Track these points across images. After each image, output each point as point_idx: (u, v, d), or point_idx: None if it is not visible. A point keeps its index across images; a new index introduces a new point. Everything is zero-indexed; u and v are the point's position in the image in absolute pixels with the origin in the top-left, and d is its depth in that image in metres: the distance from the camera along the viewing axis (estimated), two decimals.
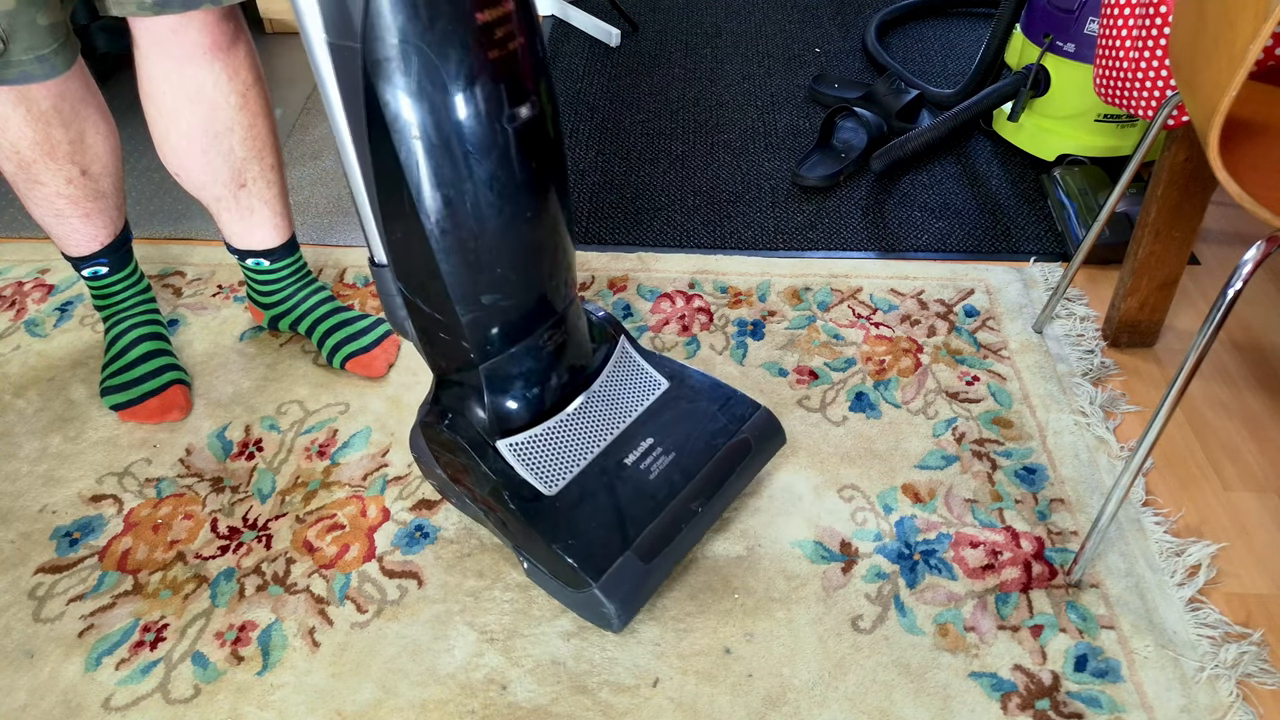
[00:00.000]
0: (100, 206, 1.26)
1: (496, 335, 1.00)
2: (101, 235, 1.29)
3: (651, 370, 1.17)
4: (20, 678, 1.03)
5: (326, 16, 0.81)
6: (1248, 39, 0.76)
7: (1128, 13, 1.27)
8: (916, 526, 1.15)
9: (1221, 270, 1.54)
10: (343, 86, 0.84)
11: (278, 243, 1.34)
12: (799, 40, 2.25)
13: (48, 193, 1.21)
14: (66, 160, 1.19)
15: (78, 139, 1.18)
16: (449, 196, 0.88)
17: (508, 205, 0.91)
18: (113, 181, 1.26)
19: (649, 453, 1.09)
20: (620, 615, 1.00)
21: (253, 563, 1.14)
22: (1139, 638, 1.04)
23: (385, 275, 0.97)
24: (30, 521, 1.19)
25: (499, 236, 0.93)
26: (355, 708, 1.00)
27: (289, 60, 2.19)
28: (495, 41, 0.83)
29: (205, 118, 1.17)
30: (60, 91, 1.14)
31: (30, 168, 1.18)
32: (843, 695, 0.99)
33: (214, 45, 1.12)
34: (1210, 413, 1.30)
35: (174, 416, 1.30)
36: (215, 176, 1.24)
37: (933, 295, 1.49)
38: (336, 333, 1.37)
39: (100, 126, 1.21)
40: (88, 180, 1.22)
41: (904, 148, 1.76)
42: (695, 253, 1.60)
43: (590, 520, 1.03)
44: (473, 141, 0.86)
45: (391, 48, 0.80)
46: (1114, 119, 1.68)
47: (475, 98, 0.84)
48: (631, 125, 1.95)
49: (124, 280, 1.35)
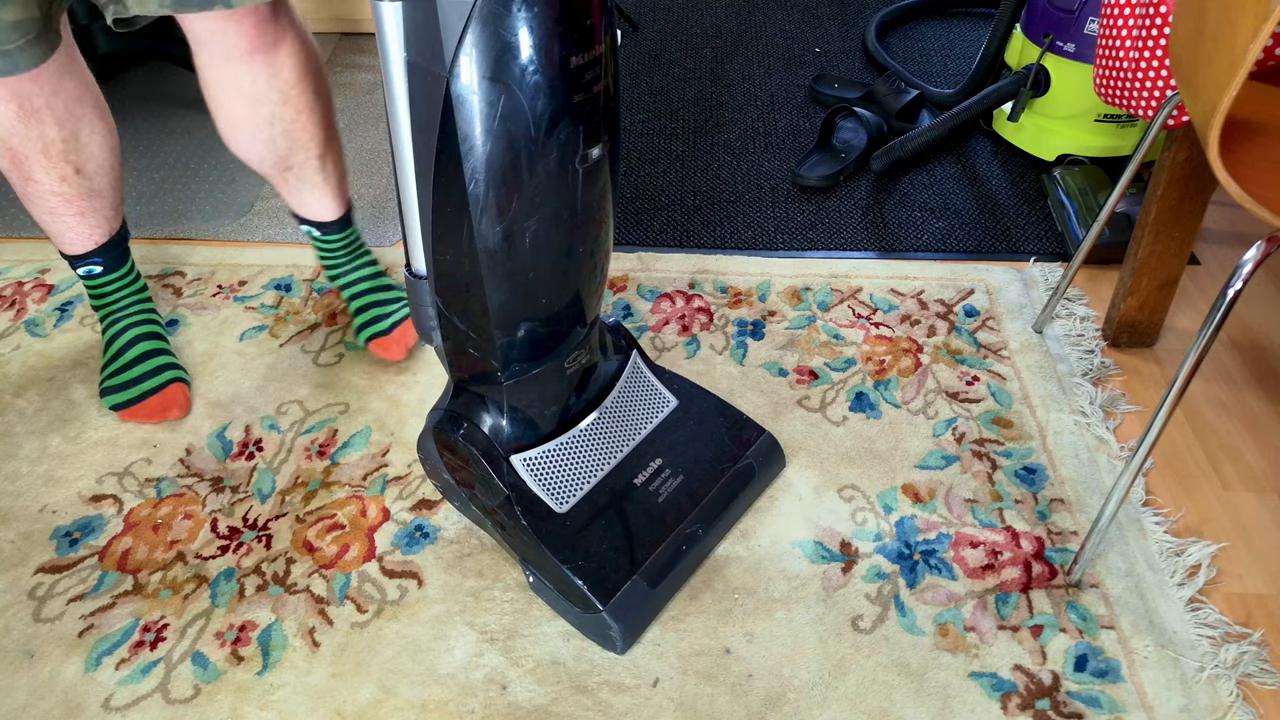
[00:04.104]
0: (95, 206, 1.26)
1: (525, 355, 1.00)
2: (96, 234, 1.29)
3: (661, 387, 1.17)
4: (20, 678, 1.03)
5: (411, 35, 0.80)
6: (1248, 39, 0.76)
7: (1128, 13, 1.27)
8: (916, 526, 1.15)
9: (1221, 270, 1.54)
10: (415, 107, 0.83)
11: (327, 218, 1.36)
12: (799, 40, 2.25)
13: (41, 190, 1.21)
14: (60, 158, 1.19)
15: (71, 138, 1.18)
16: (511, 231, 0.88)
17: (566, 240, 0.92)
18: (108, 181, 1.26)
19: (658, 474, 1.10)
20: (624, 638, 1.01)
21: (253, 563, 1.14)
22: (1139, 638, 1.04)
23: (422, 288, 0.97)
24: (30, 521, 1.19)
25: (552, 269, 0.94)
26: (355, 708, 0.99)
27: None
28: (582, 85, 0.83)
29: (248, 110, 1.19)
30: (53, 89, 1.14)
31: (23, 164, 1.18)
32: (843, 695, 0.99)
33: (252, 48, 1.13)
34: (1210, 413, 1.30)
35: (174, 415, 1.30)
36: (260, 160, 1.27)
37: (933, 295, 1.49)
38: (366, 311, 1.39)
39: (96, 126, 1.21)
40: (82, 179, 1.22)
41: (904, 148, 1.76)
42: (695, 253, 1.60)
43: (600, 541, 1.03)
44: (545, 181, 0.86)
45: (481, 83, 0.80)
46: (1114, 119, 1.68)
47: (556, 140, 0.84)
48: (631, 125, 1.95)
49: (119, 280, 1.35)
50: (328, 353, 1.42)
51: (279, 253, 1.61)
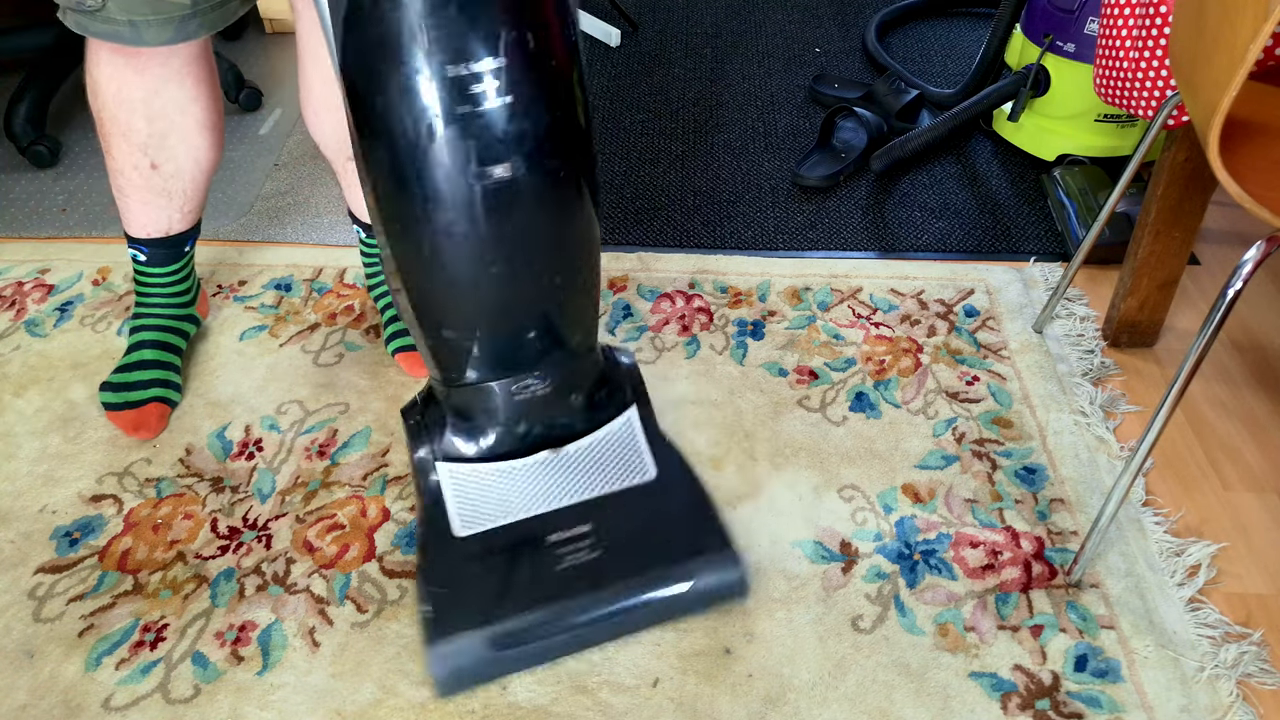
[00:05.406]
0: (161, 203, 1.27)
1: (460, 369, 0.97)
2: (150, 227, 1.29)
3: (646, 454, 1.05)
4: (20, 678, 1.03)
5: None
6: (1248, 39, 0.76)
7: (1128, 13, 1.27)
8: (916, 526, 1.15)
9: (1221, 270, 1.54)
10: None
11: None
12: (799, 40, 2.25)
13: (116, 164, 1.24)
14: (139, 150, 1.20)
15: (158, 137, 1.20)
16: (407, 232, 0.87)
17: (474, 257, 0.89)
18: (185, 189, 1.27)
19: (578, 541, 0.99)
20: (444, 685, 0.96)
21: (253, 563, 1.14)
22: (1139, 638, 1.04)
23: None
24: (30, 521, 1.19)
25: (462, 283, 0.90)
26: (355, 708, 0.99)
27: (290, 60, 2.19)
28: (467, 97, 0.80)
29: (324, 87, 1.22)
30: (154, 89, 1.16)
31: (107, 137, 1.21)
32: (843, 695, 0.99)
33: None
34: (1210, 413, 1.30)
35: (142, 435, 1.28)
36: (326, 143, 1.31)
37: (933, 295, 1.49)
38: (398, 322, 1.39)
39: (192, 139, 1.22)
40: (156, 175, 1.23)
41: (904, 148, 1.76)
42: (695, 253, 1.60)
43: (475, 579, 0.97)
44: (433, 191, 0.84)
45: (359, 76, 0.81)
46: (1114, 119, 1.68)
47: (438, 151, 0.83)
48: (631, 125, 1.95)
49: (160, 277, 1.34)
50: (328, 353, 1.42)
51: (279, 253, 1.61)
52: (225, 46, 2.23)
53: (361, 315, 1.48)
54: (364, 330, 1.45)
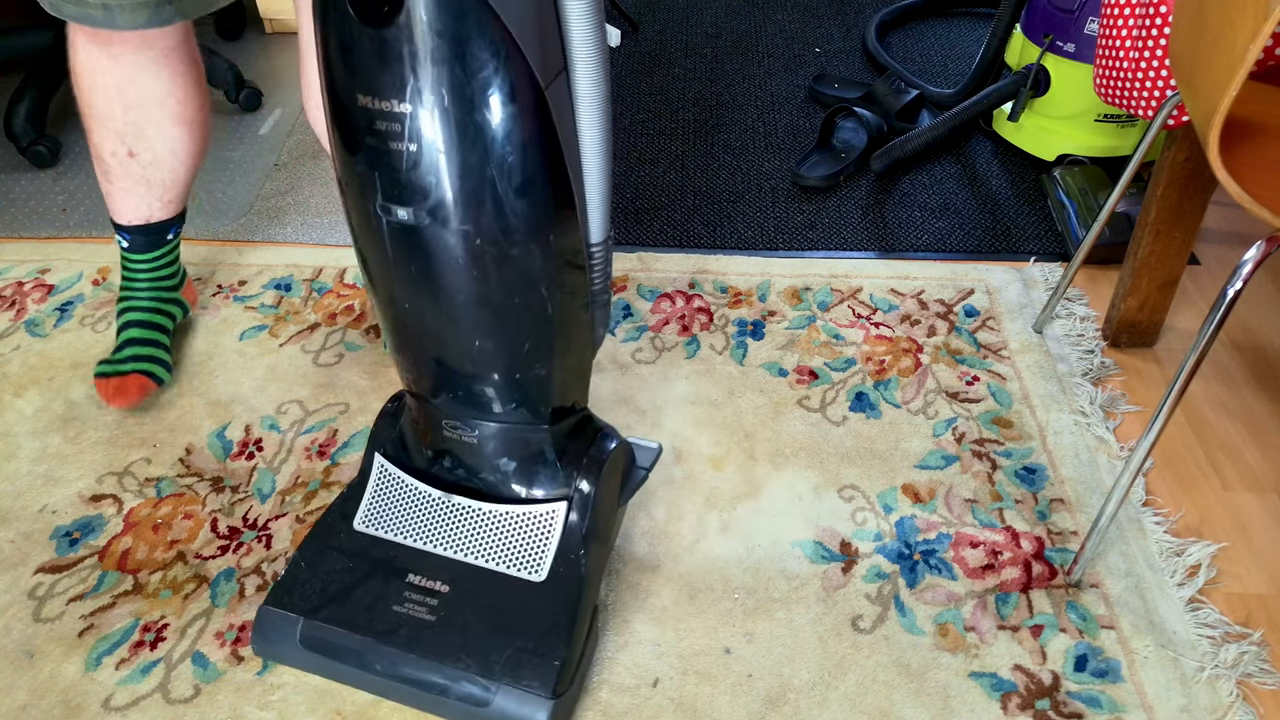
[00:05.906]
0: (140, 190, 1.27)
1: (406, 378, 0.99)
2: (132, 215, 1.29)
3: (547, 556, 0.97)
4: (20, 678, 1.03)
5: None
6: (1248, 39, 0.76)
7: (1128, 13, 1.27)
8: (916, 526, 1.15)
9: (1221, 270, 1.54)
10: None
11: None
12: (799, 40, 2.25)
13: (96, 151, 1.24)
14: (116, 137, 1.21)
15: (135, 126, 1.20)
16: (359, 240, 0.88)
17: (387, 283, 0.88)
18: (164, 179, 1.27)
19: (426, 593, 0.96)
20: (256, 646, 0.99)
21: (253, 563, 1.14)
22: (1139, 638, 1.04)
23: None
24: (30, 521, 1.19)
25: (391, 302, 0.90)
26: (355, 708, 0.99)
27: (290, 60, 2.19)
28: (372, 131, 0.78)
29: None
30: (129, 77, 1.16)
31: (87, 121, 1.21)
32: (843, 695, 0.99)
33: None
34: (1210, 413, 1.30)
35: (119, 403, 1.29)
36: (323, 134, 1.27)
37: (933, 295, 1.49)
38: None
39: (170, 131, 1.22)
40: (134, 164, 1.23)
41: (904, 148, 1.76)
42: (695, 252, 1.60)
43: (332, 572, 0.99)
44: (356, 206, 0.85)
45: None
46: (1114, 119, 1.68)
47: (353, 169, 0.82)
48: (631, 125, 1.95)
49: (143, 264, 1.34)
50: (328, 353, 1.42)
51: (279, 253, 1.61)
52: (225, 46, 2.23)
53: (361, 315, 1.48)
54: (364, 330, 1.45)
